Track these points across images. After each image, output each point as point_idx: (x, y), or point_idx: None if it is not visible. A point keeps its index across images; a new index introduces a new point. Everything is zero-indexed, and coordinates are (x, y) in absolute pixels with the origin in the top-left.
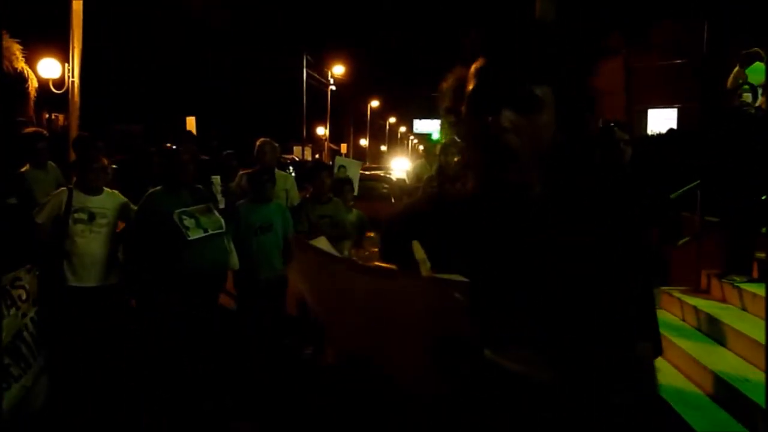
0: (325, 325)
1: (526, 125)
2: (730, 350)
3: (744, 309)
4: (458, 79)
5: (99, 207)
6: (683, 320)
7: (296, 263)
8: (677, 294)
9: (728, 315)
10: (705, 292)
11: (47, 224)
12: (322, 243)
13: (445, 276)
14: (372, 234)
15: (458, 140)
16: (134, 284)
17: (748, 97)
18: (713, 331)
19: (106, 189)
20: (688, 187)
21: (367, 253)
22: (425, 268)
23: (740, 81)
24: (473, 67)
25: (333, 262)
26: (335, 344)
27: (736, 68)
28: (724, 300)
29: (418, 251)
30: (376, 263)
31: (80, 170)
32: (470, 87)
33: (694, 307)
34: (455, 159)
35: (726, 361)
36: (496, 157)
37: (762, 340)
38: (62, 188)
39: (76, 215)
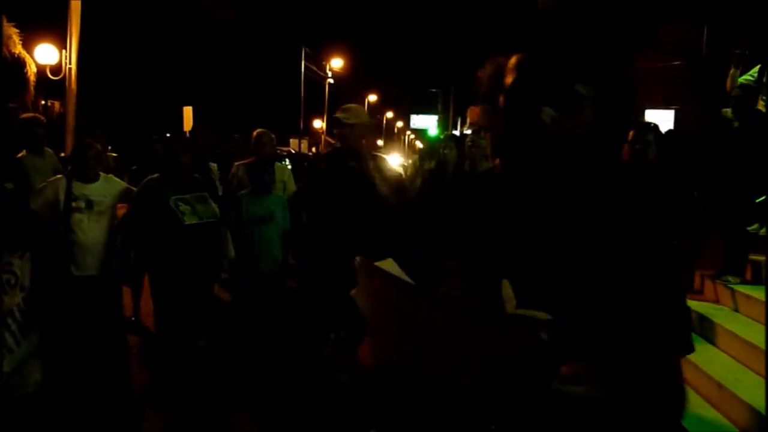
0: (377, 343)
1: (565, 122)
2: (723, 351)
3: (737, 310)
4: (497, 68)
5: (96, 194)
6: None
7: (364, 288)
8: None
9: (721, 316)
10: (698, 293)
11: (42, 211)
12: (389, 265)
13: (530, 313)
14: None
15: (485, 129)
16: (129, 271)
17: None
18: (706, 331)
19: (102, 175)
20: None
21: None
22: (511, 306)
23: (738, 83)
24: (513, 60)
25: (405, 290)
26: (381, 359)
27: (732, 70)
28: (717, 301)
29: (507, 289)
30: (455, 294)
31: (76, 158)
32: (509, 80)
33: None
34: (454, 153)
35: (718, 362)
36: (533, 151)
37: (754, 341)
38: (59, 176)
39: (74, 204)
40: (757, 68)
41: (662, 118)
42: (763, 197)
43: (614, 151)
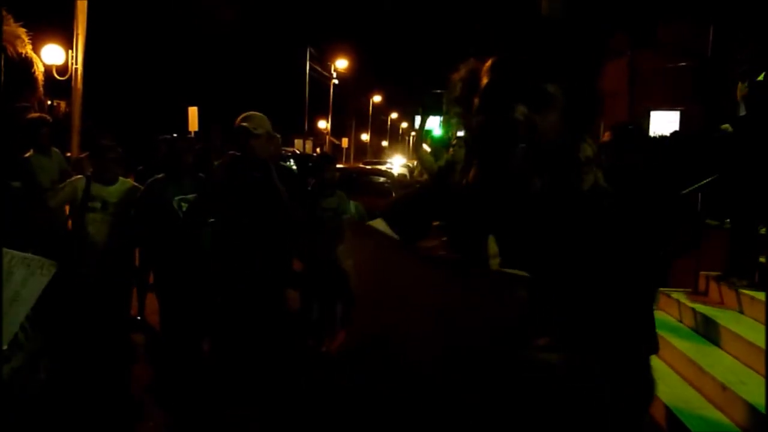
0: (359, 305)
1: (537, 121)
2: (727, 352)
3: (741, 312)
4: (471, 72)
5: (113, 197)
6: (681, 321)
7: (348, 244)
8: (675, 295)
9: (726, 317)
10: (703, 295)
11: (59, 210)
12: (379, 224)
13: (511, 271)
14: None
15: (463, 132)
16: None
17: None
18: (710, 333)
19: (120, 178)
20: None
21: None
22: (495, 263)
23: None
24: (488, 63)
25: (393, 245)
26: (363, 325)
27: (739, 84)
28: (721, 303)
29: (492, 246)
30: (441, 252)
31: (95, 160)
32: (485, 81)
33: (692, 309)
34: (462, 152)
35: (722, 363)
36: (506, 149)
37: (759, 343)
38: (79, 176)
39: (90, 204)
40: (763, 75)
41: (667, 119)
42: None
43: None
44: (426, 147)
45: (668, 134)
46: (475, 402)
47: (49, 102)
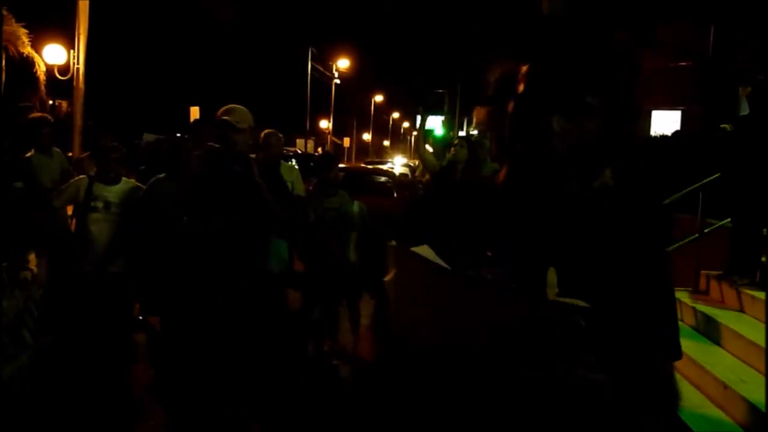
0: (409, 325)
1: (573, 131)
2: (728, 351)
3: (742, 311)
4: (506, 73)
5: (115, 197)
6: (681, 320)
7: (398, 272)
8: (677, 294)
9: (726, 316)
10: (704, 294)
11: (64, 209)
12: (425, 251)
13: (569, 301)
14: (393, 242)
15: (490, 130)
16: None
17: None
18: (711, 332)
19: (123, 178)
20: (687, 189)
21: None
22: (552, 293)
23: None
24: (525, 68)
25: (441, 272)
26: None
27: (741, 90)
28: (722, 301)
29: (551, 276)
30: (493, 279)
31: (99, 160)
32: (521, 87)
33: (693, 308)
34: (464, 152)
35: (723, 362)
36: (542, 158)
37: (759, 342)
38: (82, 176)
39: (93, 203)
40: None
41: (668, 119)
42: None
43: (623, 158)
44: (428, 146)
45: (670, 134)
46: (524, 417)
47: (50, 102)
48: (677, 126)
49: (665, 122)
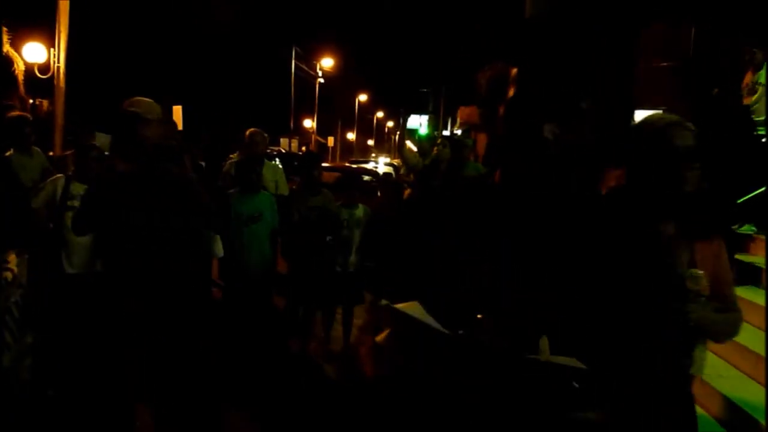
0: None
1: (565, 136)
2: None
3: None
4: (498, 76)
5: None
6: None
7: (390, 332)
8: None
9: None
10: None
11: (42, 210)
12: (414, 309)
13: (563, 360)
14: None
15: (476, 130)
16: None
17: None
18: None
19: None
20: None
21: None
22: (545, 357)
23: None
24: (515, 72)
25: (435, 334)
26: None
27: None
28: None
29: (544, 342)
30: (490, 342)
31: (77, 159)
32: (512, 92)
33: None
34: (447, 151)
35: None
36: (532, 163)
37: (738, 339)
38: (59, 175)
39: (69, 203)
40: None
41: None
42: (746, 197)
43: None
44: (411, 145)
45: None
46: None
47: (31, 101)
48: None
49: None
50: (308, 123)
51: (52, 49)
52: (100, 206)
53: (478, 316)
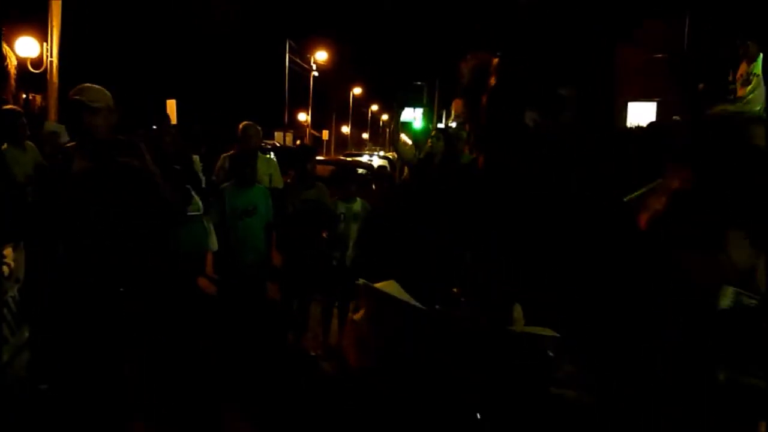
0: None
1: (547, 124)
2: None
3: None
4: (480, 65)
5: None
6: None
7: (366, 311)
8: None
9: None
10: None
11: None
12: (392, 288)
13: (537, 330)
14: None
15: (464, 122)
16: None
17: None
18: None
19: None
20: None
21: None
22: (520, 326)
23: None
24: (496, 62)
25: (411, 310)
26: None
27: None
28: None
29: (517, 311)
30: (465, 317)
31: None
32: (493, 82)
33: None
34: (441, 144)
35: None
36: (514, 151)
37: None
38: None
39: None
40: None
41: (644, 111)
42: None
43: (598, 147)
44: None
45: (645, 125)
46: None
47: (24, 96)
48: (653, 118)
49: (641, 114)
50: (303, 116)
51: (44, 44)
52: (51, 205)
53: (454, 290)
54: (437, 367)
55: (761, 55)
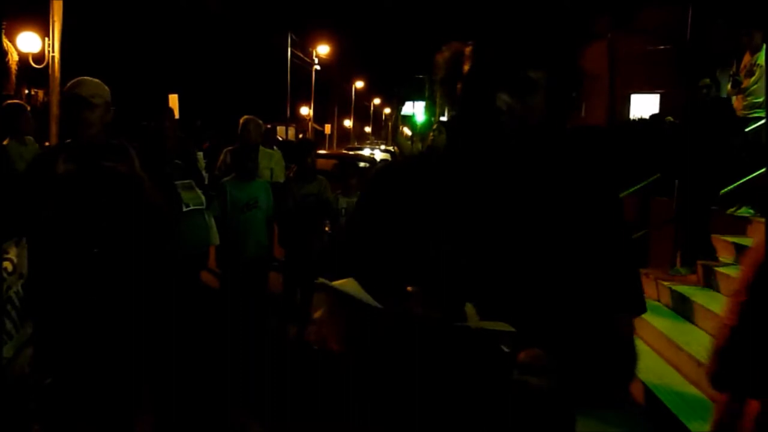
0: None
1: (519, 107)
2: (703, 329)
3: (718, 290)
4: (454, 54)
5: None
6: (658, 300)
7: (327, 311)
8: (653, 275)
9: (701, 295)
10: (680, 274)
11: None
12: (351, 287)
13: (492, 326)
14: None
15: (445, 116)
16: None
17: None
18: (686, 311)
19: None
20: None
21: None
22: (474, 322)
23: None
24: (469, 48)
25: (367, 309)
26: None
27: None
28: (698, 282)
29: (470, 309)
30: (419, 312)
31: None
32: (466, 67)
33: (669, 288)
34: (443, 137)
35: (698, 340)
36: (488, 136)
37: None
38: None
39: None
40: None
41: (647, 102)
42: (744, 179)
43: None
44: (406, 131)
45: (648, 117)
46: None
47: (26, 91)
48: (656, 109)
49: (644, 105)
50: (305, 110)
51: (46, 39)
52: (31, 208)
53: (408, 288)
54: (396, 365)
55: (765, 45)
